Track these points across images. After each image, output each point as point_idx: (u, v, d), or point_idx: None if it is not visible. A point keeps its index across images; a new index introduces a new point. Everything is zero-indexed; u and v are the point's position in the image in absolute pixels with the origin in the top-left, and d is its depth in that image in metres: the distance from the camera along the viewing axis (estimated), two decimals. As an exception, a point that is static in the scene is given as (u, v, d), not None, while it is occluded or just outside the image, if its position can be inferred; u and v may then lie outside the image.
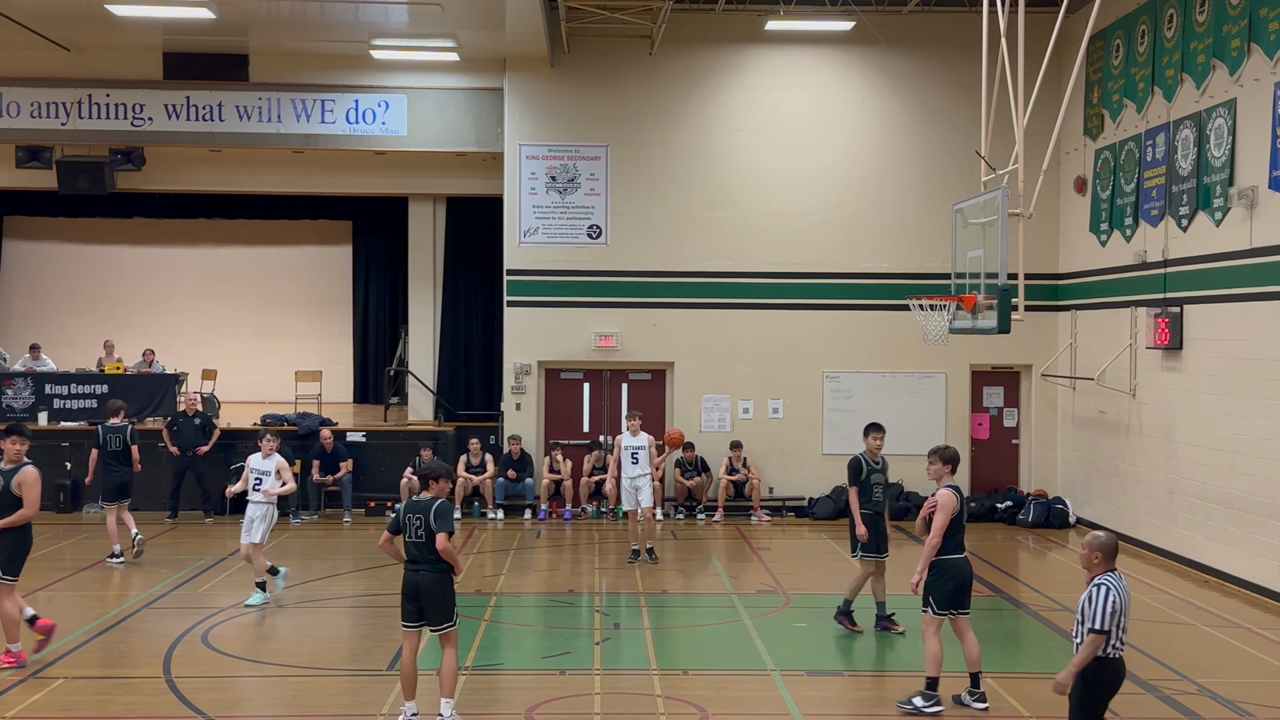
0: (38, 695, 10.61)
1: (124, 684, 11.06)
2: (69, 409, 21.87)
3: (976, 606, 14.85)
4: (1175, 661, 12.10)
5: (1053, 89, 16.60)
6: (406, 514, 9.87)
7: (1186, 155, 16.89)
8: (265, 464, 14.67)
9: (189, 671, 11.44)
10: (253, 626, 13.40)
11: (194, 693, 10.75)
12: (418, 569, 9.79)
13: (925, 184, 21.44)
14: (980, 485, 21.86)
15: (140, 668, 11.56)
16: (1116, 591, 7.84)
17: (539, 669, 11.76)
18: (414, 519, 9.79)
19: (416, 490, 20.46)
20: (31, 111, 21.56)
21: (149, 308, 27.31)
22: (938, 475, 10.77)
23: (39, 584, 15.22)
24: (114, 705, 10.47)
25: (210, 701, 10.50)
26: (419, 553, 9.76)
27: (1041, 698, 10.82)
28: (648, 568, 16.64)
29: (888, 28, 20.92)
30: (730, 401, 21.76)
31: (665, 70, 21.57)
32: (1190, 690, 11.16)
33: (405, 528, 9.83)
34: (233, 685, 11.08)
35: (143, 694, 10.75)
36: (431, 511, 9.75)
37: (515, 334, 21.71)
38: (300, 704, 10.61)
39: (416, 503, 9.89)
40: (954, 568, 10.57)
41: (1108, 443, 19.58)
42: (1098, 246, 19.88)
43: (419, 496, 9.98)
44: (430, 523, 9.69)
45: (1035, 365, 21.67)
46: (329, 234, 27.39)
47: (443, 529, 9.69)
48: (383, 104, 21.81)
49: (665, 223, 21.62)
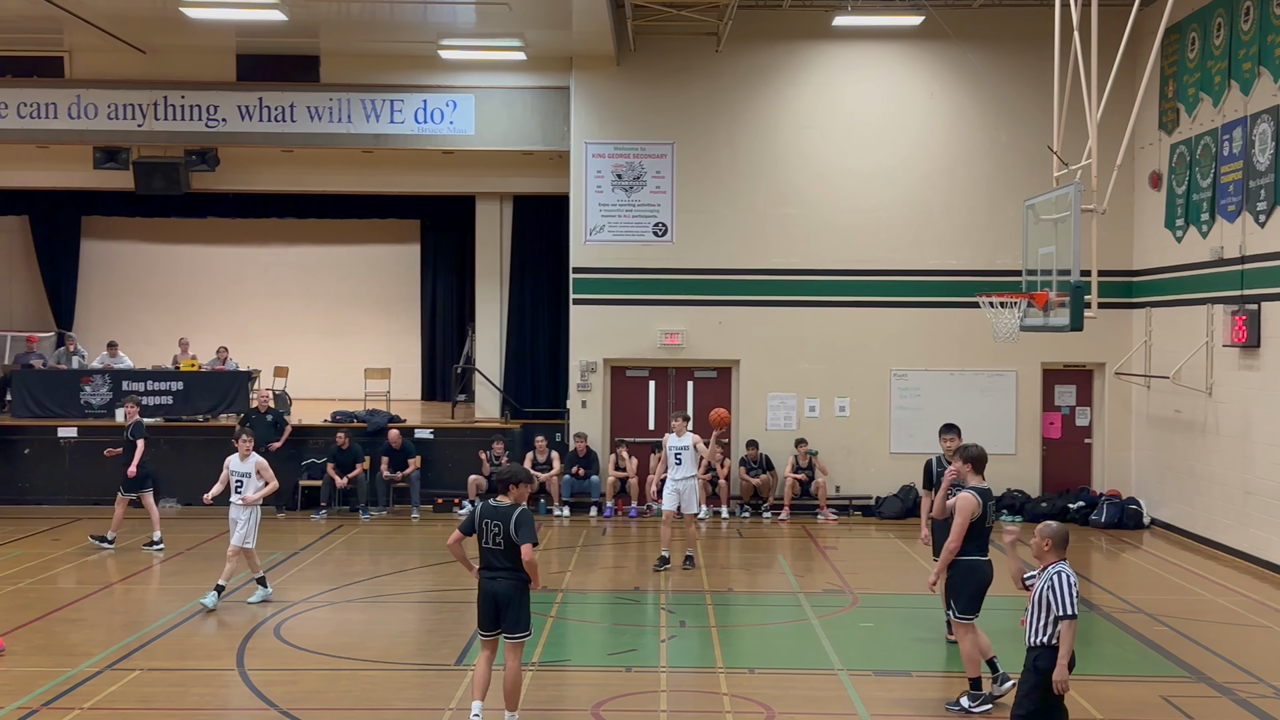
0: (115, 687, 10.79)
1: (199, 676, 11.21)
2: (145, 406, 22.18)
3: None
4: (1251, 665, 11.87)
5: (1126, 83, 16.34)
6: (483, 519, 9.43)
7: (1264, 150, 16.56)
8: (244, 466, 13.99)
9: (262, 664, 11.59)
10: (324, 620, 13.55)
11: (266, 685, 10.89)
12: (495, 576, 9.44)
13: (995, 180, 21.21)
14: (1052, 485, 21.59)
15: (214, 660, 11.72)
16: (1074, 577, 8.11)
17: (605, 665, 11.78)
18: (492, 525, 9.38)
19: (483, 488, 20.81)
20: (109, 113, 21.90)
21: (222, 306, 27.72)
22: (961, 474, 10.63)
23: (116, 577, 15.53)
24: (189, 697, 10.63)
25: (282, 694, 10.63)
26: (497, 560, 9.41)
27: (1115, 699, 10.70)
28: (711, 567, 16.60)
29: (957, 22, 20.70)
30: (796, 399, 21.66)
31: (731, 67, 21.52)
32: (1268, 694, 10.94)
33: (482, 533, 9.42)
34: (304, 678, 11.20)
35: (217, 686, 10.92)
36: (513, 520, 9.34)
37: (581, 332, 21.77)
38: (370, 698, 10.71)
39: (495, 508, 9.44)
40: (972, 569, 10.43)
41: (1183, 442, 19.26)
42: (1173, 242, 19.55)
43: (497, 501, 9.51)
44: (512, 532, 9.31)
45: (1109, 363, 21.36)
46: (397, 233, 27.63)
47: (526, 539, 9.30)
48: (450, 104, 21.95)
49: (731, 220, 21.58)
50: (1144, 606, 14.37)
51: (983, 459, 10.68)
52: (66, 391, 22.34)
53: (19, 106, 21.78)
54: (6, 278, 27.59)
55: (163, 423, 21.67)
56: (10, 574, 15.73)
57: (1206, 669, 11.75)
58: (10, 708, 10.11)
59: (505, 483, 9.60)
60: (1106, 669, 11.98)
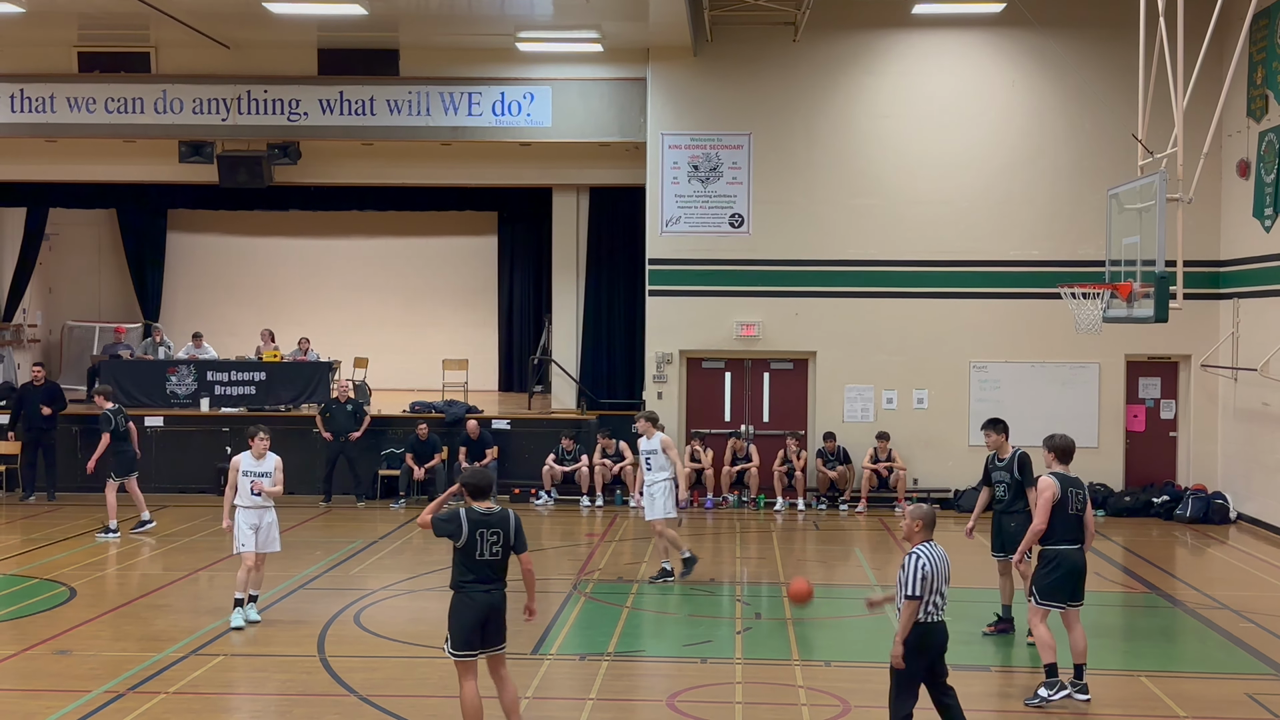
0: (199, 672, 11.00)
1: (280, 662, 11.37)
2: (229, 395, 22.62)
3: (1131, 603, 14.57)
4: (1342, 664, 11.62)
5: (1213, 70, 16.01)
6: (479, 528, 8.62)
7: (1358, 136, 16.15)
8: (263, 465, 12.76)
9: (341, 651, 11.74)
10: (402, 609, 13.70)
11: (346, 672, 11.03)
12: (491, 589, 8.73)
13: (1077, 169, 20.88)
14: (1135, 479, 21.24)
15: (295, 647, 11.87)
16: (927, 559, 8.46)
17: (680, 657, 11.80)
18: (490, 534, 8.65)
19: (559, 478, 20.91)
20: (194, 108, 22.23)
21: (304, 297, 28.05)
22: (1047, 462, 10.75)
23: (202, 563, 15.82)
24: (270, 683, 10.80)
25: (362, 680, 10.76)
26: (493, 571, 8.72)
27: (1198, 696, 10.52)
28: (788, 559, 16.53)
29: (1040, 8, 20.34)
30: (874, 391, 21.50)
31: (809, 57, 21.38)
32: (1357, 693, 10.71)
33: (478, 544, 8.63)
34: (383, 665, 11.34)
35: (298, 672, 11.07)
36: (514, 528, 8.77)
37: (657, 323, 21.77)
38: (447, 686, 10.75)
39: (489, 516, 8.69)
40: (1058, 558, 10.35)
41: (1272, 435, 18.85)
42: (1261, 232, 19.12)
43: (486, 509, 8.75)
44: (513, 541, 8.76)
45: (1194, 355, 20.97)
46: (475, 225, 27.80)
47: (527, 547, 8.88)
48: (528, 95, 22.03)
49: (808, 211, 21.46)
50: (1229, 603, 14.10)
51: (1067, 450, 10.71)
52: (153, 381, 22.76)
53: (106, 101, 22.21)
54: (95, 269, 28.22)
55: (245, 412, 22.04)
56: (98, 560, 16.11)
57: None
58: (98, 691, 10.35)
59: (488, 489, 8.98)
60: (1190, 666, 11.81)
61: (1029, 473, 12.08)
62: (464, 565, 8.69)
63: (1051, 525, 10.33)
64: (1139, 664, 11.63)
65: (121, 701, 10.08)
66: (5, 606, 13.49)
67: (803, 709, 10.17)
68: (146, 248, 27.45)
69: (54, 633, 12.29)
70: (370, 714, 9.95)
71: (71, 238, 28.04)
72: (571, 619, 13.25)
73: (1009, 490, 12.27)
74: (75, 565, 15.64)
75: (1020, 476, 12.15)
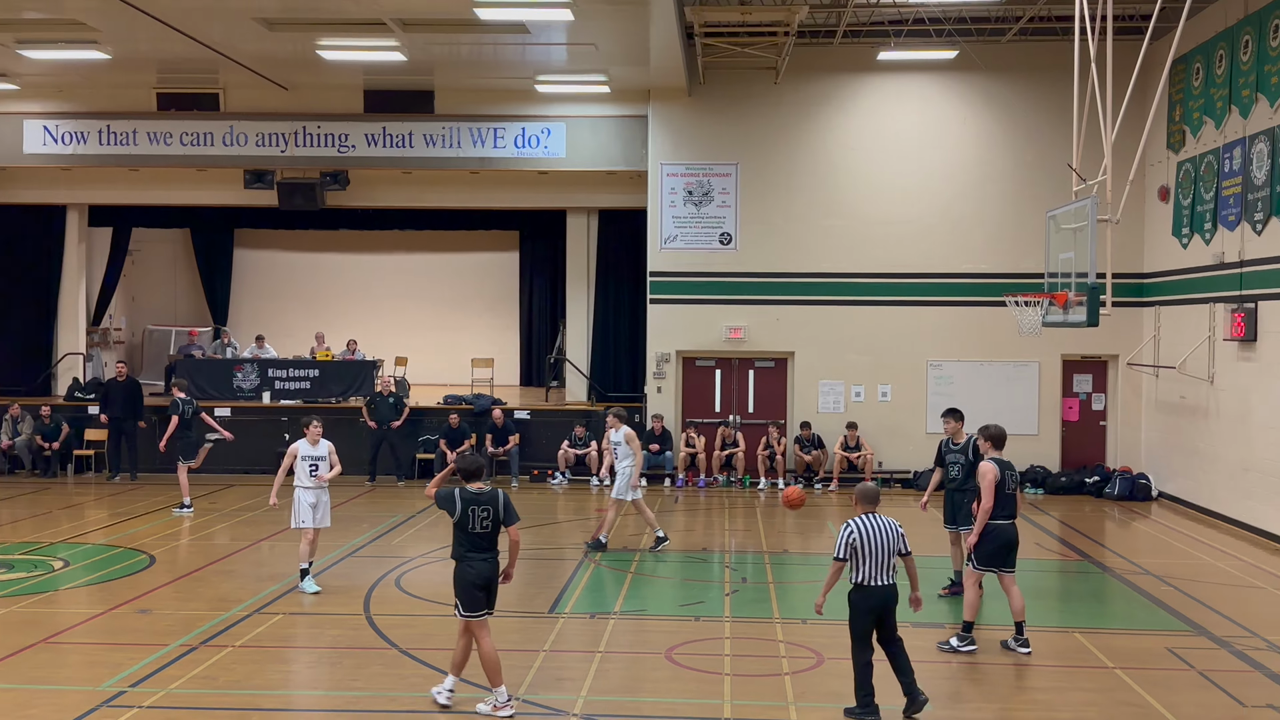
0: (261, 628, 11.01)
1: (332, 619, 11.39)
2: (287, 389, 22.64)
3: (1067, 570, 14.57)
4: (1248, 621, 11.62)
5: (1138, 108, 15.98)
6: (470, 505, 8.69)
7: (1261, 166, 16.13)
8: (318, 450, 12.66)
9: (384, 610, 11.76)
10: (436, 573, 13.65)
11: (388, 628, 11.05)
12: (486, 558, 8.76)
13: (1020, 194, 20.86)
14: (1070, 462, 21.22)
15: (344, 606, 11.89)
16: (856, 529, 8.52)
17: (677, 615, 11.80)
18: (481, 510, 8.70)
19: (571, 462, 20.90)
20: (257, 141, 22.28)
21: (352, 305, 28.02)
22: (983, 449, 10.91)
23: (261, 535, 15.83)
24: (323, 637, 10.82)
25: (401, 635, 10.78)
26: (486, 542, 8.73)
27: (1125, 649, 10.53)
28: (770, 531, 16.51)
29: (987, 55, 20.40)
30: (844, 386, 21.50)
31: (788, 97, 21.37)
32: (1261, 646, 10.71)
33: (470, 519, 8.68)
34: (420, 623, 11.34)
35: (347, 628, 11.08)
36: (503, 504, 8.77)
37: (657, 327, 21.77)
38: (475, 640, 10.81)
39: (479, 495, 8.72)
40: (995, 530, 10.38)
41: (1188, 425, 18.84)
42: (1179, 249, 19.10)
43: (476, 490, 8.75)
44: (502, 514, 8.75)
45: (1121, 355, 20.95)
46: (499, 242, 27.77)
47: (516, 519, 8.85)
48: (545, 130, 22.04)
49: (787, 230, 21.45)
50: (1152, 569, 14.10)
51: (1001, 437, 10.85)
52: (221, 377, 22.79)
53: (181, 136, 22.25)
54: (172, 280, 28.22)
55: (301, 404, 22.07)
56: (173, 531, 16.12)
57: (1207, 624, 11.51)
58: (174, 644, 10.37)
59: (478, 472, 8.92)
60: (1118, 623, 11.80)
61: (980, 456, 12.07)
62: (461, 538, 8.75)
63: (996, 504, 10.35)
64: (1073, 622, 11.65)
65: (194, 654, 10.10)
66: (95, 571, 13.51)
67: (782, 660, 10.18)
68: (216, 262, 27.45)
69: (136, 594, 12.31)
70: (409, 664, 9.96)
71: (151, 253, 28.05)
72: (583, 582, 13.26)
73: (962, 470, 12.22)
74: (154, 536, 15.66)
75: (974, 459, 12.11)
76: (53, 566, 13.70)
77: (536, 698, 9.04)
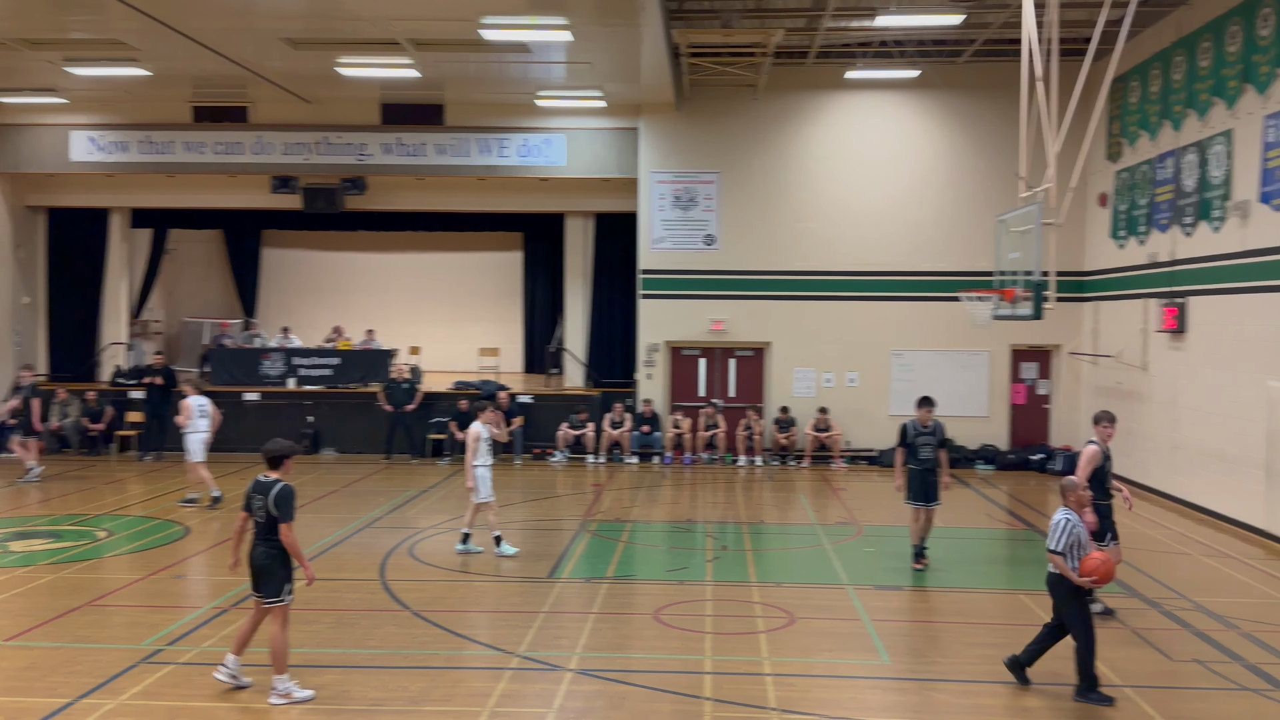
0: (287, 591, 11.00)
1: (350, 584, 11.39)
2: (310, 376, 22.55)
3: (1014, 537, 14.66)
4: (1176, 584, 11.71)
5: (1080, 122, 15.98)
6: (251, 493, 7.98)
7: (1191, 175, 16.17)
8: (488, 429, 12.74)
9: (398, 576, 11.76)
10: (446, 543, 13.68)
11: (402, 592, 11.06)
12: (255, 546, 8.00)
13: (974, 200, 20.88)
14: (1018, 441, 21.29)
15: (362, 572, 11.90)
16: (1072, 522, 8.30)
17: (663, 580, 11.83)
18: (255, 499, 7.95)
19: (570, 441, 20.89)
20: (282, 150, 22.19)
21: (369, 299, 27.91)
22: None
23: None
24: (343, 600, 10.81)
25: (414, 599, 10.80)
26: (259, 531, 7.98)
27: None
28: (748, 504, 16.53)
29: (945, 74, 20.41)
30: (816, 373, 21.53)
31: (766, 111, 21.35)
32: (1187, 607, 10.79)
33: (248, 505, 8.03)
34: (430, 587, 11.35)
35: (364, 592, 11.10)
36: (272, 497, 7.87)
37: (647, 320, 21.76)
38: (481, 602, 10.85)
39: (260, 483, 7.96)
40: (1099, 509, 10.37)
41: (1123, 407, 18.86)
42: (1116, 249, 19.15)
43: (267, 476, 8.00)
44: (271, 508, 7.88)
45: (1064, 345, 21.01)
46: (504, 243, 27.65)
47: (285, 518, 7.86)
48: (546, 141, 21.97)
49: (765, 232, 21.44)
50: (1091, 538, 14.13)
51: None
52: (251, 365, 22.70)
53: (214, 145, 22.15)
54: (205, 277, 28.08)
55: (323, 389, 22.03)
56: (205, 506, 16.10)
57: (1139, 587, 11.59)
58: (206, 606, 10.40)
59: (280, 457, 8.07)
60: (1060, 587, 11.83)
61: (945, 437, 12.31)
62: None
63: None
64: (1019, 584, 11.69)
65: (225, 616, 10.11)
66: (136, 540, 13.50)
67: (758, 620, 10.21)
68: (245, 260, 27.34)
69: (172, 561, 12.32)
70: (420, 625, 9.97)
71: (187, 252, 27.91)
72: (579, 550, 13.28)
73: (934, 451, 12.26)
74: (189, 510, 15.63)
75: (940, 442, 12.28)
76: (97, 536, 13.69)
77: (536, 654, 9.06)
